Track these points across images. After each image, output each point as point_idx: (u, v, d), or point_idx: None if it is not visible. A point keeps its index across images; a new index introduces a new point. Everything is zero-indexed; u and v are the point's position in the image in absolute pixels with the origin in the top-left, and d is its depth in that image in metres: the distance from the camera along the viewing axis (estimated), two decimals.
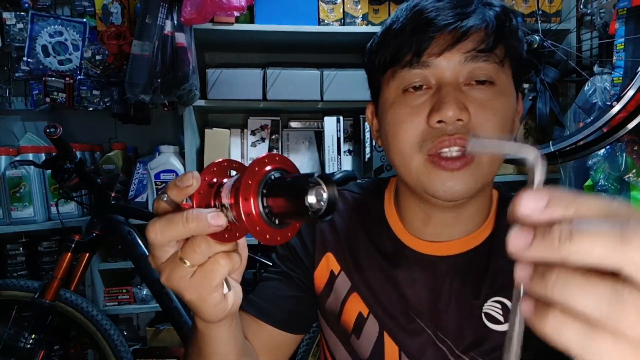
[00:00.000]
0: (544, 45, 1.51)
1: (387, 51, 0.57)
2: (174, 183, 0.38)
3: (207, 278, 0.38)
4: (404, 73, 0.56)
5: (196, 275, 0.38)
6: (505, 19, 0.56)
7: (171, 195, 0.39)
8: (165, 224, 0.37)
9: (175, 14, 1.68)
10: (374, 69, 0.62)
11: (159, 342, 1.92)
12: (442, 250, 0.63)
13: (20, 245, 1.87)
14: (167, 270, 0.39)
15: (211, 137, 1.83)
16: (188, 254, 0.38)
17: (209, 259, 0.38)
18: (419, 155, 0.55)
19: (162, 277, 0.39)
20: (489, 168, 0.56)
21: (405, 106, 0.56)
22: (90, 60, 1.89)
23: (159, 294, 1.44)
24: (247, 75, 1.80)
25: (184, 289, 0.39)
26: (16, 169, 1.78)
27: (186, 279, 0.38)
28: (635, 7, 1.29)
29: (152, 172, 1.84)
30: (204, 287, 0.39)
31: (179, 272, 0.38)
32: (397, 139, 0.57)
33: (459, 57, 0.54)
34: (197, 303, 0.40)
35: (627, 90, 1.18)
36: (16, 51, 1.89)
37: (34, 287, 1.49)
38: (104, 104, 1.92)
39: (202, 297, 0.40)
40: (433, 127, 0.54)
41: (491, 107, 0.54)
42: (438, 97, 0.54)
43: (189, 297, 0.40)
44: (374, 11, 1.86)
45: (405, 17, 0.56)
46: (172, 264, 0.39)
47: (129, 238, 1.49)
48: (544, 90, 1.57)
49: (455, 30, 0.53)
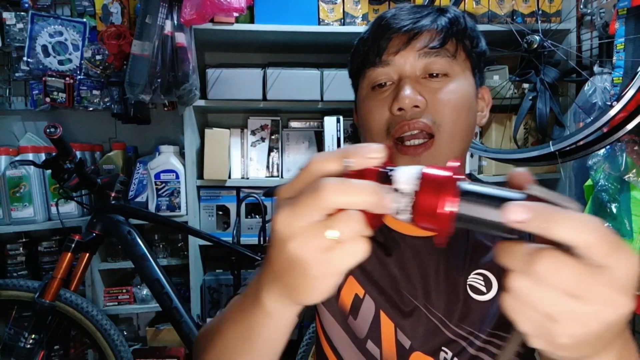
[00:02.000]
0: (544, 45, 1.51)
1: (359, 57, 0.68)
2: (358, 151, 0.36)
3: (344, 257, 0.35)
4: (370, 72, 0.66)
5: (335, 251, 0.35)
6: (456, 20, 0.65)
7: (353, 162, 0.36)
8: (344, 187, 0.33)
9: (175, 14, 1.68)
10: (353, 74, 0.71)
11: (159, 342, 1.92)
12: (425, 231, 0.68)
13: (20, 245, 1.87)
14: (303, 237, 0.35)
15: (211, 137, 1.83)
16: (340, 224, 0.34)
17: (351, 239, 0.35)
18: (387, 140, 0.64)
19: (290, 243, 0.35)
20: (451, 148, 0.63)
21: (373, 100, 0.66)
22: (90, 60, 1.89)
23: (159, 294, 1.44)
24: (247, 75, 1.80)
25: (313, 261, 0.35)
26: (16, 169, 1.78)
27: (319, 250, 0.35)
28: (635, 7, 1.29)
29: (152, 172, 1.84)
30: (333, 266, 0.35)
31: (317, 242, 0.34)
32: (368, 128, 0.66)
33: (413, 53, 0.63)
34: (312, 281, 0.36)
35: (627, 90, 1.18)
36: (16, 51, 1.89)
37: (34, 287, 1.49)
38: (104, 104, 1.92)
39: (324, 276, 0.36)
40: (395, 114, 0.62)
41: (446, 93, 0.62)
42: (397, 89, 0.63)
43: (314, 271, 0.35)
44: (374, 11, 1.86)
45: (372, 26, 0.67)
46: (312, 231, 0.34)
47: (129, 238, 1.49)
48: (544, 90, 1.57)
49: (408, 32, 0.62)
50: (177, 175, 1.85)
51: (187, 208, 1.85)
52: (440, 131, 0.62)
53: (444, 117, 0.62)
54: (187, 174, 1.84)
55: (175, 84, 1.68)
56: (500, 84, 1.79)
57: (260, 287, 0.42)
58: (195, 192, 1.87)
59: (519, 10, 1.85)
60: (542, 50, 1.52)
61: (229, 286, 1.83)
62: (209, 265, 2.01)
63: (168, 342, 1.91)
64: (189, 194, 1.85)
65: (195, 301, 1.86)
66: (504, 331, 0.66)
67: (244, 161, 1.93)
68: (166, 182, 1.84)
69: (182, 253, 1.97)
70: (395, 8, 0.67)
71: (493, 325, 0.65)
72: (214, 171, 1.83)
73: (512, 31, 1.56)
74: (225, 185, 1.88)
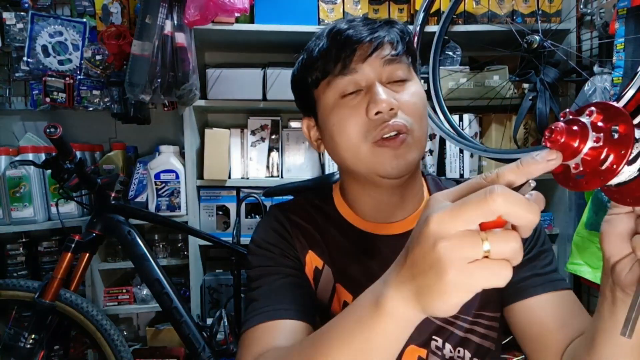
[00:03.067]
0: (544, 45, 1.51)
1: (318, 69, 0.69)
2: (535, 160, 0.35)
3: (487, 275, 0.34)
4: (338, 81, 0.67)
5: (481, 266, 0.34)
6: (406, 31, 0.71)
7: (530, 173, 0.35)
8: (518, 198, 0.33)
9: (175, 14, 1.68)
10: (307, 86, 0.72)
11: (159, 342, 1.92)
12: (399, 228, 0.73)
13: (20, 245, 1.87)
14: (458, 240, 0.34)
15: (211, 137, 1.83)
16: (500, 241, 0.34)
17: (501, 260, 0.34)
18: (365, 143, 0.66)
19: (443, 243, 0.34)
20: (420, 145, 0.68)
21: (345, 107, 0.67)
22: (90, 60, 1.89)
23: (159, 294, 1.44)
24: (247, 75, 1.80)
25: (457, 269, 0.34)
26: (16, 169, 1.78)
27: (467, 260, 0.34)
28: (635, 7, 1.29)
29: (152, 172, 1.84)
30: (473, 281, 0.34)
31: (469, 251, 0.34)
32: (344, 135, 0.67)
33: (378, 61, 0.67)
34: (446, 288, 0.35)
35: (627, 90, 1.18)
36: (16, 51, 1.89)
37: (34, 287, 1.49)
38: (104, 104, 1.92)
39: (460, 288, 0.35)
40: (372, 118, 0.65)
41: (412, 96, 0.68)
42: (370, 94, 0.65)
43: (453, 279, 0.34)
44: (374, 11, 1.86)
45: (327, 39, 0.69)
46: (468, 238, 0.34)
47: (129, 238, 1.49)
48: (544, 90, 1.57)
49: (372, 41, 0.66)
50: (177, 175, 1.85)
51: (187, 208, 1.85)
52: (410, 132, 0.66)
53: (413, 118, 0.66)
54: (187, 174, 1.84)
55: (175, 84, 1.68)
56: (500, 84, 1.79)
57: (383, 292, 0.40)
58: (195, 192, 1.87)
59: (519, 10, 1.85)
60: (542, 50, 1.52)
61: (229, 286, 1.83)
62: (209, 265, 2.01)
63: (168, 342, 1.91)
64: (189, 194, 1.85)
65: (195, 301, 1.86)
66: (489, 310, 0.71)
67: (244, 161, 1.93)
68: (166, 182, 1.84)
69: (182, 253, 1.97)
70: (346, 21, 0.71)
71: (477, 306, 0.70)
72: (214, 171, 1.83)
73: (512, 31, 1.56)
74: (225, 185, 1.88)
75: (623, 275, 0.45)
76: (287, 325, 0.64)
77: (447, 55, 1.86)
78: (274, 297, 0.67)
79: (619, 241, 0.45)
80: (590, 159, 0.36)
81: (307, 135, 0.79)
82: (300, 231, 0.75)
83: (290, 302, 0.66)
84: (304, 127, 0.79)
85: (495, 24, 1.83)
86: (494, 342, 0.72)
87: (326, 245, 0.74)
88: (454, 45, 1.87)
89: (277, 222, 0.76)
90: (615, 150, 0.35)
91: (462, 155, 1.85)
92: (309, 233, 0.75)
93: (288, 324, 0.64)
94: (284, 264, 0.72)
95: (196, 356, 1.42)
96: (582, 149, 0.36)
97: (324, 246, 0.74)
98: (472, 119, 1.88)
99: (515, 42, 1.56)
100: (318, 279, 0.74)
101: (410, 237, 0.39)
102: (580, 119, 0.37)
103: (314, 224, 0.76)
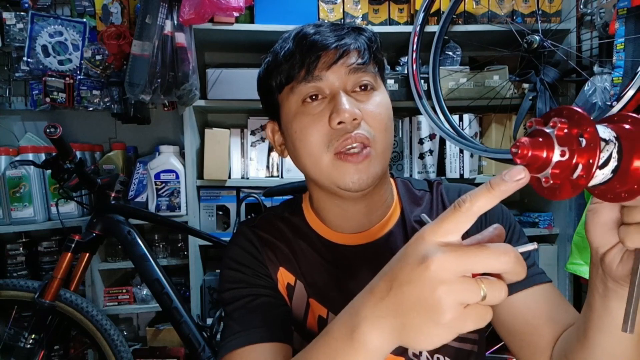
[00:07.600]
0: (544, 45, 1.51)
1: (282, 73, 0.67)
2: (504, 180, 0.35)
3: (476, 318, 0.35)
4: (302, 87, 0.66)
5: (472, 311, 0.36)
6: (374, 39, 0.69)
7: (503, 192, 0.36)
8: (514, 256, 0.36)
9: (175, 14, 1.68)
10: (271, 90, 0.70)
11: (159, 342, 1.92)
12: (366, 238, 0.72)
13: (20, 245, 1.87)
14: (459, 286, 0.35)
15: (211, 137, 1.83)
16: (495, 289, 0.35)
17: (487, 306, 0.36)
18: (327, 154, 0.64)
19: (443, 287, 0.35)
20: (384, 157, 0.66)
21: (307, 115, 0.65)
22: (90, 60, 1.89)
23: (159, 294, 1.44)
24: (247, 75, 1.80)
25: (451, 313, 0.35)
26: (16, 169, 1.78)
27: (462, 304, 0.35)
28: (635, 7, 1.29)
29: (152, 172, 1.84)
30: (464, 323, 0.35)
31: (468, 296, 0.35)
32: (305, 143, 0.65)
33: (344, 69, 0.65)
34: (435, 330, 0.36)
35: (627, 90, 1.18)
36: (16, 51, 1.89)
37: (34, 287, 1.49)
38: (104, 104, 1.92)
39: (450, 329, 0.36)
40: (334, 128, 0.63)
41: (376, 106, 0.66)
42: (334, 103, 0.63)
43: (445, 321, 0.35)
44: (374, 11, 1.86)
45: (292, 42, 0.67)
46: (469, 284, 0.35)
47: (129, 238, 1.49)
48: (544, 90, 1.57)
49: (337, 49, 0.64)
50: (177, 175, 1.85)
51: (187, 208, 1.85)
52: (373, 143, 0.64)
53: (377, 130, 0.64)
54: (187, 174, 1.84)
55: (175, 84, 1.68)
56: (500, 84, 1.79)
57: (359, 326, 0.40)
58: (195, 192, 1.87)
59: (519, 10, 1.85)
60: (542, 50, 1.52)
61: None
62: (209, 265, 2.01)
63: (168, 342, 1.91)
64: (189, 194, 1.85)
65: (195, 301, 1.86)
66: None
67: (244, 161, 1.93)
68: (166, 182, 1.84)
69: (182, 253, 1.97)
70: (313, 25, 0.69)
71: None
72: (214, 171, 1.83)
73: (512, 31, 1.56)
74: (225, 185, 1.88)
75: (614, 266, 0.44)
76: (264, 348, 0.63)
77: (447, 55, 1.86)
78: (248, 320, 0.66)
79: (605, 231, 0.44)
80: (559, 171, 0.35)
81: (272, 139, 0.77)
82: (269, 248, 0.73)
83: (265, 323, 0.65)
84: (268, 130, 0.77)
85: (495, 24, 1.83)
86: (475, 344, 0.70)
87: (296, 260, 0.73)
88: (454, 45, 1.87)
89: (247, 240, 0.74)
90: (583, 158, 0.34)
91: (462, 155, 1.85)
92: (279, 249, 0.73)
93: (265, 347, 0.63)
94: (256, 284, 0.70)
95: (196, 356, 1.42)
96: (552, 157, 0.36)
97: (294, 261, 0.73)
98: (472, 119, 1.88)
99: (515, 42, 1.56)
100: (291, 295, 0.72)
101: (391, 271, 0.39)
102: (545, 130, 0.37)
103: (283, 239, 0.74)
